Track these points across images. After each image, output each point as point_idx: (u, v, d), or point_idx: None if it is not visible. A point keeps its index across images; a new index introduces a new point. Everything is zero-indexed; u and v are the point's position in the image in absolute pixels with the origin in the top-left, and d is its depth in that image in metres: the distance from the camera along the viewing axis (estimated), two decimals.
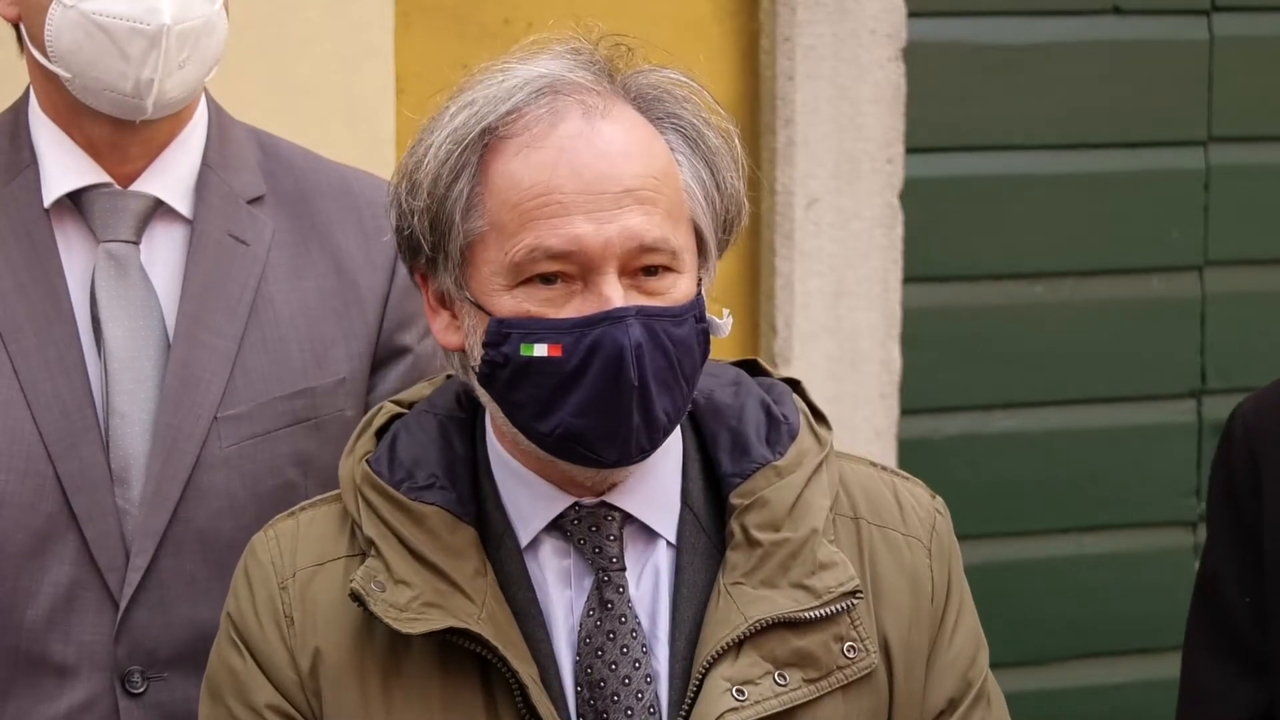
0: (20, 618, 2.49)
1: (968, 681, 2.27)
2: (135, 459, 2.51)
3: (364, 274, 2.63)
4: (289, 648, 2.18)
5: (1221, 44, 4.48)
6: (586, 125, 2.11)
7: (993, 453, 4.42)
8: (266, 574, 2.22)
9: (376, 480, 2.19)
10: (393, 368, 2.64)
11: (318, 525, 2.24)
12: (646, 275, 2.12)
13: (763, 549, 2.18)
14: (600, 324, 2.08)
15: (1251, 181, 4.52)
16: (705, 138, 2.18)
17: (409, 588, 2.13)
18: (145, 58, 2.44)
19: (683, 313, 2.13)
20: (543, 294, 2.10)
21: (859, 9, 4.16)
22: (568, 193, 2.09)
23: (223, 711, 2.21)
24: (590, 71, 2.17)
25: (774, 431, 2.24)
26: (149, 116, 2.50)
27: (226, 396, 2.54)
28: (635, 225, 2.09)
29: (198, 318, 2.54)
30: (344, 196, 2.66)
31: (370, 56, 3.73)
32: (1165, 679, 4.64)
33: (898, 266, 4.25)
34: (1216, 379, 4.54)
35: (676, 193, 2.15)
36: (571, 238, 2.08)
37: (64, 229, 2.56)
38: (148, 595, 2.50)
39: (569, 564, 2.20)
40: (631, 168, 2.11)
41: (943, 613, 2.27)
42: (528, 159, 2.11)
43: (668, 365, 2.11)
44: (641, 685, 2.17)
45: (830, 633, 2.18)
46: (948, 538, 2.30)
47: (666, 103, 2.18)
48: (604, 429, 2.10)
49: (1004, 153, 4.39)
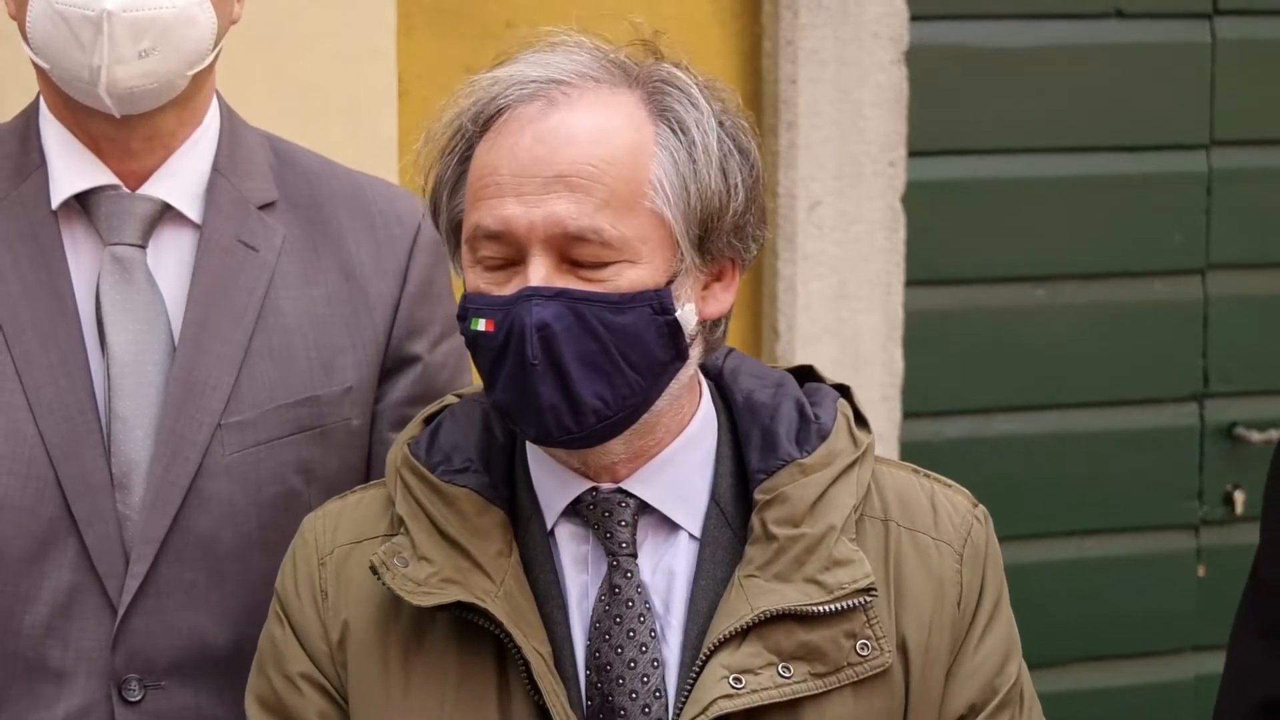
0: (19, 623, 2.48)
1: (993, 689, 2.28)
2: (137, 464, 2.49)
3: (374, 282, 2.62)
4: (322, 620, 2.27)
5: (1223, 47, 4.48)
6: (540, 115, 2.17)
7: (994, 456, 4.42)
8: (309, 551, 2.31)
9: (413, 462, 2.26)
10: (402, 376, 2.63)
11: (364, 506, 2.33)
12: (585, 264, 2.15)
13: (779, 543, 2.20)
14: (516, 302, 2.14)
15: (1253, 185, 4.52)
16: (690, 131, 2.19)
17: (430, 564, 2.20)
18: (94, 44, 2.43)
19: (624, 301, 2.15)
20: (489, 274, 2.18)
21: (861, 12, 4.17)
22: (503, 175, 2.16)
23: (263, 681, 2.31)
24: (597, 63, 2.21)
25: (804, 431, 2.27)
26: (111, 108, 2.47)
27: (231, 403, 2.52)
28: (560, 211, 2.14)
29: (204, 323, 2.53)
30: (356, 203, 2.65)
31: (372, 58, 3.73)
32: (1167, 681, 4.66)
33: (900, 269, 4.26)
34: (1218, 382, 4.55)
35: (630, 181, 2.16)
36: (501, 218, 2.15)
37: (72, 231, 2.55)
38: (146, 602, 2.49)
39: (587, 549, 2.24)
40: (570, 154, 2.15)
41: (971, 619, 2.28)
42: (490, 146, 2.19)
43: (599, 350, 2.14)
44: (648, 669, 2.19)
45: (842, 629, 2.19)
46: (984, 545, 2.31)
47: (669, 95, 2.21)
48: (518, 405, 2.17)
49: (1006, 156, 4.40)
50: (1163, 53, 4.45)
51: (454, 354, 2.67)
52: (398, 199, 2.69)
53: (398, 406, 2.61)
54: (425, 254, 2.65)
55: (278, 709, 2.29)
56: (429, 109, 3.69)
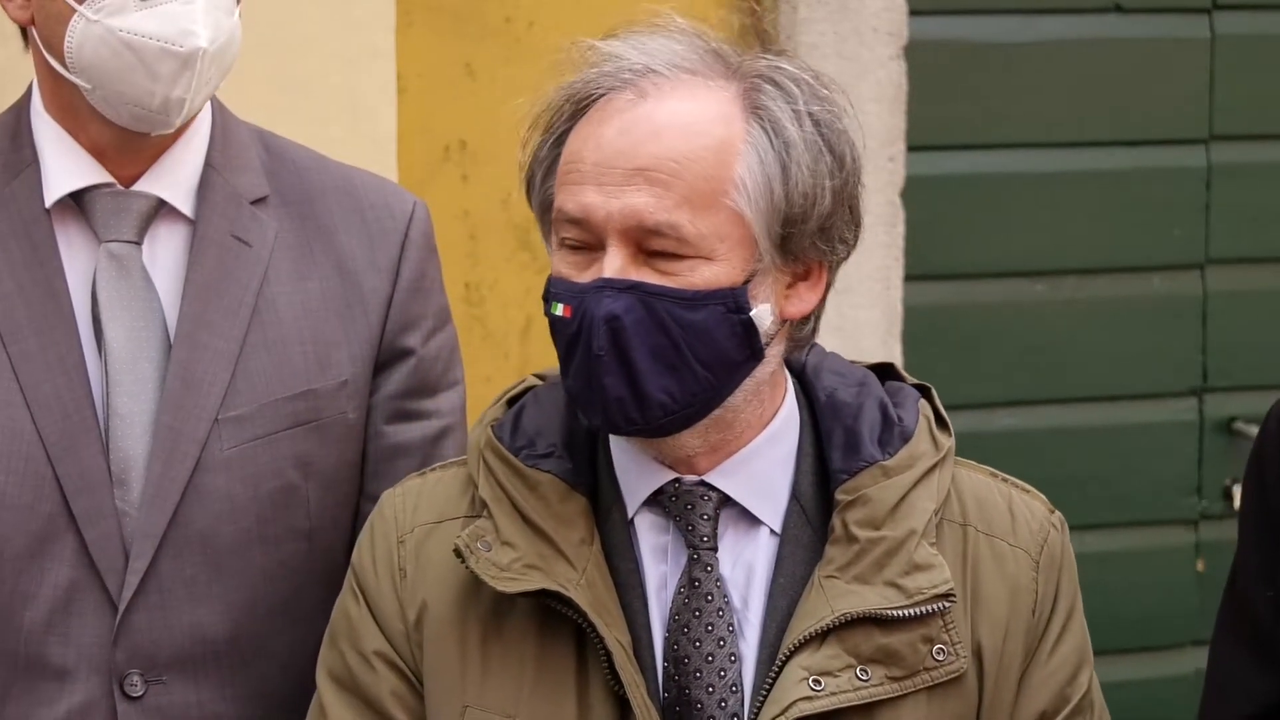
0: (19, 620, 2.48)
1: (1065, 697, 2.28)
2: (135, 460, 2.50)
3: (367, 276, 2.62)
4: (399, 599, 2.27)
5: (1223, 42, 4.48)
6: (628, 105, 2.18)
7: (994, 451, 4.40)
8: (389, 528, 2.31)
9: (498, 445, 2.27)
10: (396, 370, 2.63)
11: (444, 486, 2.33)
12: (659, 256, 2.16)
13: (860, 545, 2.21)
14: (590, 292, 2.15)
15: (1253, 180, 4.52)
16: (784, 132, 2.17)
17: (513, 549, 2.20)
18: (177, 78, 2.43)
19: (697, 298, 2.15)
20: (571, 257, 2.19)
21: (861, 7, 4.17)
22: (586, 163, 2.17)
23: (336, 655, 2.31)
24: (695, 53, 2.21)
25: (887, 432, 2.27)
26: (170, 131, 2.50)
27: (227, 398, 2.52)
28: (638, 204, 2.14)
29: (199, 319, 2.53)
30: (348, 198, 2.65)
31: (372, 56, 3.73)
32: (1167, 676, 4.66)
33: (899, 264, 4.26)
34: (1218, 377, 4.55)
35: (712, 181, 2.16)
36: (581, 205, 2.16)
37: (65, 229, 2.55)
38: (147, 598, 2.49)
39: (667, 540, 2.25)
40: (653, 148, 2.15)
41: (1045, 627, 2.28)
42: (580, 131, 2.20)
43: (669, 345, 2.15)
44: (725, 664, 2.20)
45: (919, 633, 2.20)
46: (1060, 553, 2.32)
47: (764, 93, 2.20)
48: (584, 394, 2.18)
49: (1006, 151, 4.40)
50: (1162, 48, 4.45)
51: (447, 347, 2.68)
52: (389, 193, 2.69)
53: (391, 400, 2.62)
54: (417, 248, 2.66)
55: (350, 685, 2.29)
56: (428, 107, 3.70)
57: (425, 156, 3.87)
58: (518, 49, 3.89)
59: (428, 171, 3.85)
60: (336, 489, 2.58)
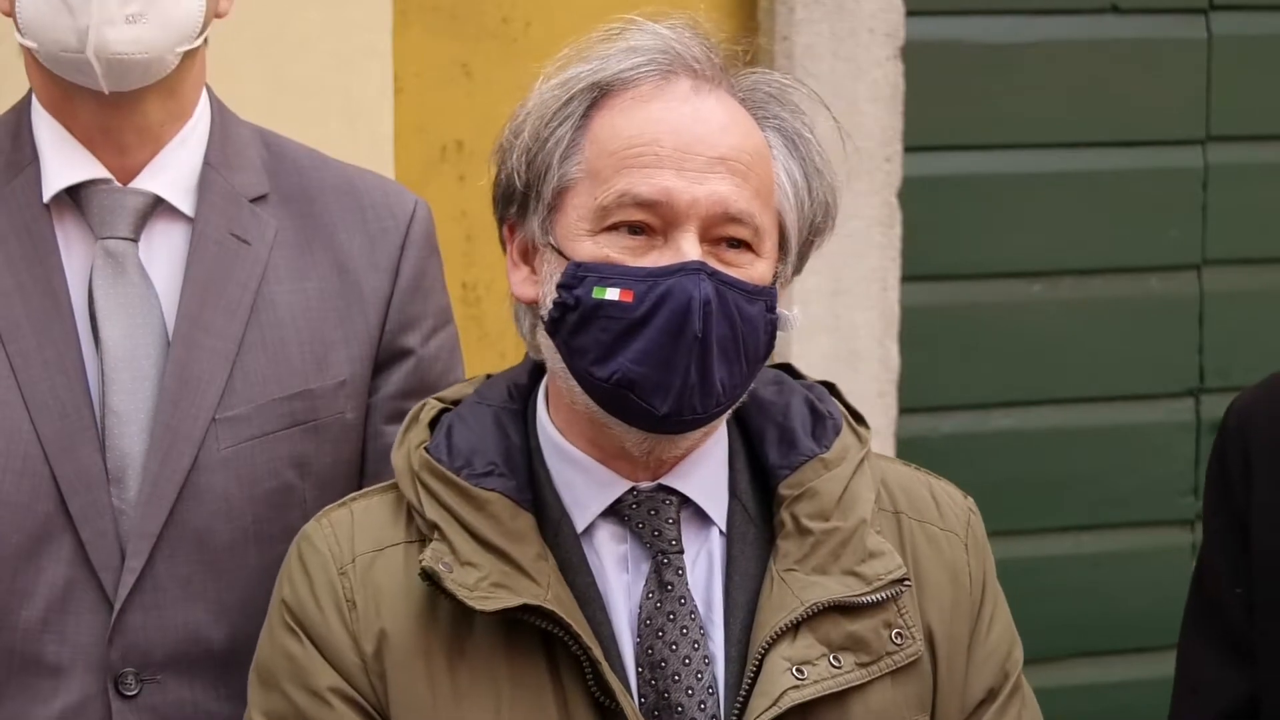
0: (14, 618, 2.48)
1: (1005, 672, 2.33)
2: (132, 459, 2.50)
3: (367, 275, 2.62)
4: (351, 632, 2.22)
5: (1220, 43, 4.48)
6: (694, 94, 2.20)
7: (991, 451, 4.42)
8: (325, 560, 2.25)
9: (437, 467, 2.24)
10: (395, 370, 2.63)
11: (373, 513, 2.29)
12: (728, 247, 2.18)
13: (814, 537, 2.24)
14: (675, 274, 2.14)
15: (1250, 180, 4.52)
16: (806, 142, 2.24)
17: (476, 569, 2.18)
18: (84, 6, 2.42)
19: (756, 292, 2.18)
20: (625, 241, 2.18)
21: (857, 8, 4.16)
22: (665, 147, 2.17)
23: (278, 697, 2.24)
24: (702, 52, 2.24)
25: (819, 427, 2.30)
26: (99, 78, 2.45)
27: (225, 398, 2.52)
28: (724, 192, 2.16)
29: (197, 318, 2.53)
30: (348, 197, 2.65)
31: (368, 56, 3.73)
32: (1163, 677, 4.63)
33: (896, 265, 4.25)
34: (1214, 378, 4.55)
35: (768, 178, 2.21)
36: (661, 189, 2.16)
37: (64, 225, 2.55)
38: (142, 597, 2.49)
39: (625, 549, 2.25)
40: (729, 140, 2.18)
41: (980, 605, 2.33)
42: (632, 114, 2.19)
43: (732, 336, 2.17)
44: (701, 666, 2.22)
45: (880, 619, 2.24)
46: (981, 534, 2.37)
47: (773, 105, 2.25)
48: (659, 378, 2.15)
49: (1002, 151, 4.40)
50: (1159, 48, 4.45)
51: (447, 347, 2.68)
52: (389, 192, 2.69)
53: (391, 400, 2.62)
54: (418, 248, 2.66)
55: None
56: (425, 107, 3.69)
57: (422, 157, 3.87)
58: (515, 49, 3.89)
59: (424, 172, 3.85)
60: (334, 489, 2.57)
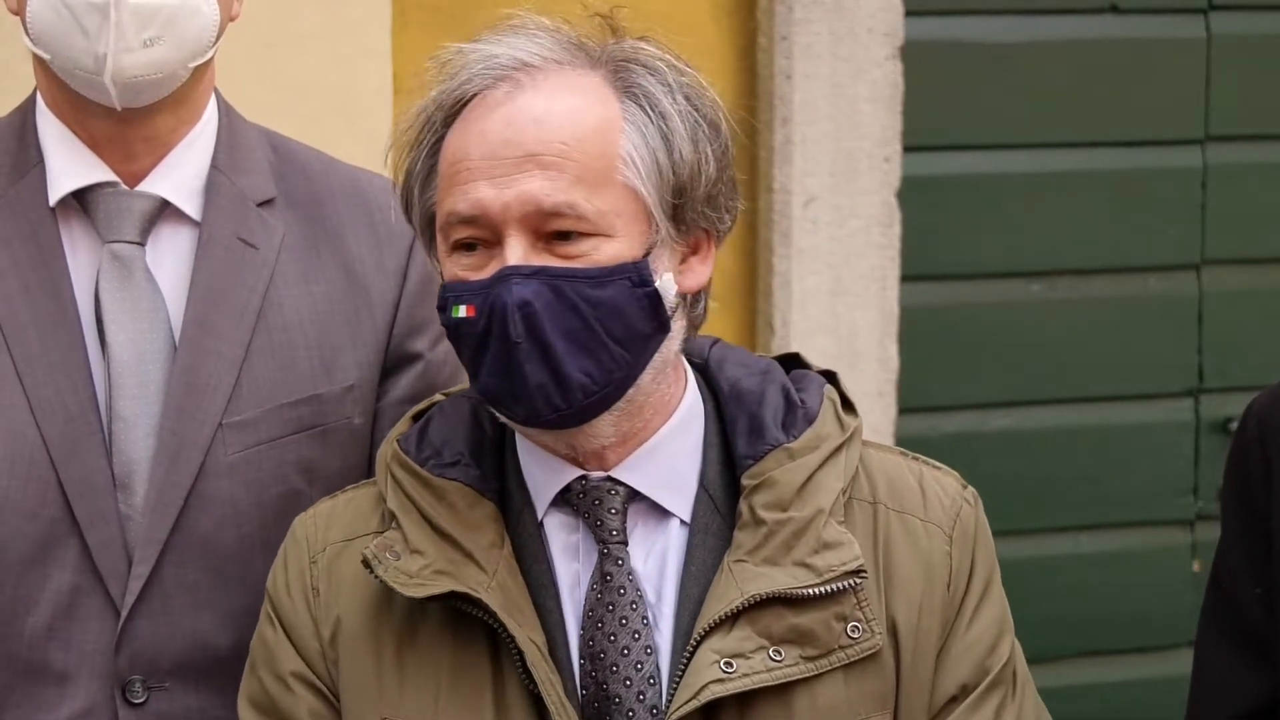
0: (21, 625, 2.47)
1: (984, 669, 2.30)
2: (138, 465, 2.49)
3: (375, 279, 2.62)
4: (314, 618, 2.29)
5: (1219, 42, 4.48)
6: (507, 98, 2.20)
7: (990, 451, 4.42)
8: (301, 550, 2.32)
9: (403, 457, 2.29)
10: (403, 374, 2.63)
11: (354, 505, 2.34)
12: (560, 239, 2.18)
13: (767, 527, 2.23)
14: (495, 284, 2.16)
15: (1249, 180, 4.52)
16: (659, 105, 2.22)
17: (422, 556, 2.22)
18: (100, 32, 2.42)
19: (602, 275, 2.18)
20: (466, 259, 2.21)
21: (856, 7, 4.17)
22: (474, 158, 2.19)
23: (255, 682, 2.32)
24: (559, 46, 2.24)
25: (790, 415, 2.29)
26: (113, 99, 2.45)
27: (232, 403, 2.51)
28: (533, 189, 2.16)
29: (204, 322, 2.52)
30: (355, 200, 2.65)
31: (368, 56, 3.73)
32: (1162, 677, 4.66)
33: (895, 265, 4.26)
34: (1214, 378, 4.55)
35: (601, 157, 2.19)
36: (474, 201, 2.18)
37: (70, 229, 2.53)
38: (149, 604, 2.48)
39: (577, 538, 2.26)
40: (538, 133, 2.18)
41: (961, 600, 2.30)
42: (460, 131, 2.21)
43: (582, 325, 2.17)
44: (641, 656, 2.21)
45: (832, 612, 2.22)
46: (974, 526, 2.33)
47: (634, 73, 2.24)
48: (505, 386, 2.18)
49: (1001, 151, 4.40)
50: (1158, 48, 4.45)
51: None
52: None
53: (399, 405, 2.60)
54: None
55: (269, 710, 2.30)
56: None
57: None
58: None
59: None
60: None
